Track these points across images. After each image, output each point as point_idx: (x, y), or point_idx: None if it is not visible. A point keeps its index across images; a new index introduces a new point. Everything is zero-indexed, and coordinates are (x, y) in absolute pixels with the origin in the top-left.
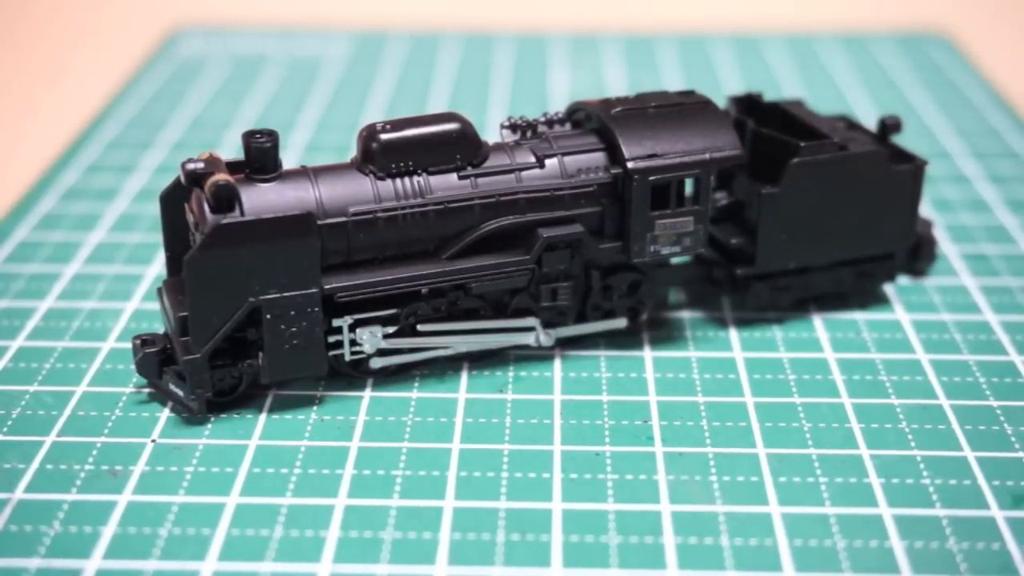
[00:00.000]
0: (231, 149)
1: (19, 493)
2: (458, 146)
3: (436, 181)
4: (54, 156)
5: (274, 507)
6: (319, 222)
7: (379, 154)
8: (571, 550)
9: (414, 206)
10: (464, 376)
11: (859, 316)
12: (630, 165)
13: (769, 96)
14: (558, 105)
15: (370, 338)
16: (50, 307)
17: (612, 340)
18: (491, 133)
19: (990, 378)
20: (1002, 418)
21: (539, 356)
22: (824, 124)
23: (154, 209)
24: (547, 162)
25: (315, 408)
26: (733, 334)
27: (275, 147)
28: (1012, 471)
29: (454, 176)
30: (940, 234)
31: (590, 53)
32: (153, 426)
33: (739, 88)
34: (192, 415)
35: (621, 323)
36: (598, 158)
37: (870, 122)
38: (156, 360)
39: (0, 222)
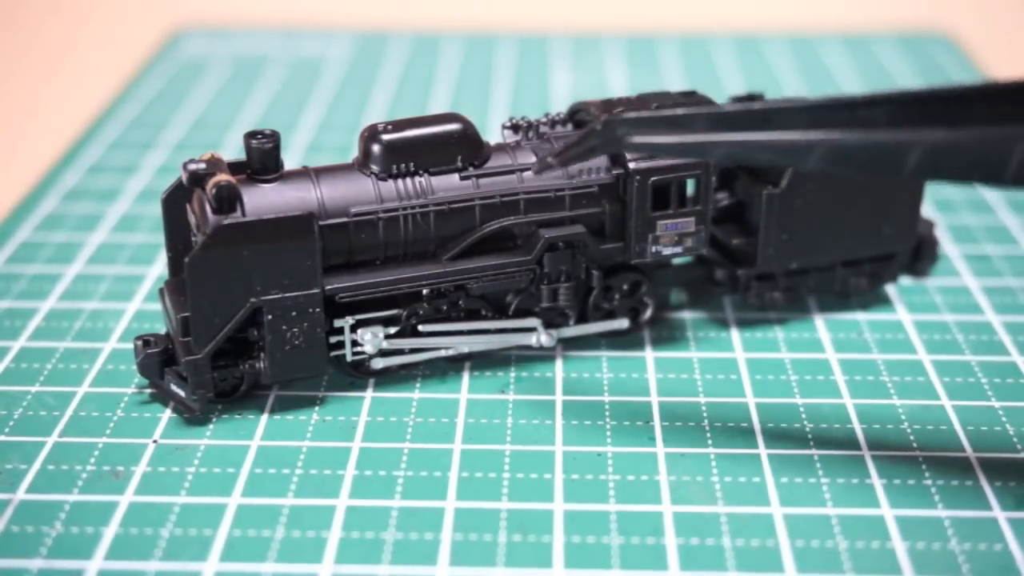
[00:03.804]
0: (233, 150)
1: (21, 494)
2: (460, 147)
3: (438, 182)
4: (56, 156)
5: (276, 508)
6: (320, 222)
7: (381, 154)
8: (572, 551)
9: (415, 206)
10: (465, 377)
11: (861, 317)
12: (631, 165)
13: (771, 96)
14: (560, 105)
15: (371, 339)
16: (52, 308)
17: (613, 341)
18: (493, 134)
19: (992, 379)
20: (1004, 419)
21: (540, 357)
22: None
23: (156, 210)
24: None
25: (317, 408)
26: (735, 335)
27: (277, 148)
28: (1014, 472)
29: (456, 177)
30: (942, 234)
31: (592, 53)
32: (155, 427)
33: (741, 88)
34: (193, 416)
35: (622, 323)
36: (599, 158)
37: None
38: (158, 361)
39: (2, 223)
